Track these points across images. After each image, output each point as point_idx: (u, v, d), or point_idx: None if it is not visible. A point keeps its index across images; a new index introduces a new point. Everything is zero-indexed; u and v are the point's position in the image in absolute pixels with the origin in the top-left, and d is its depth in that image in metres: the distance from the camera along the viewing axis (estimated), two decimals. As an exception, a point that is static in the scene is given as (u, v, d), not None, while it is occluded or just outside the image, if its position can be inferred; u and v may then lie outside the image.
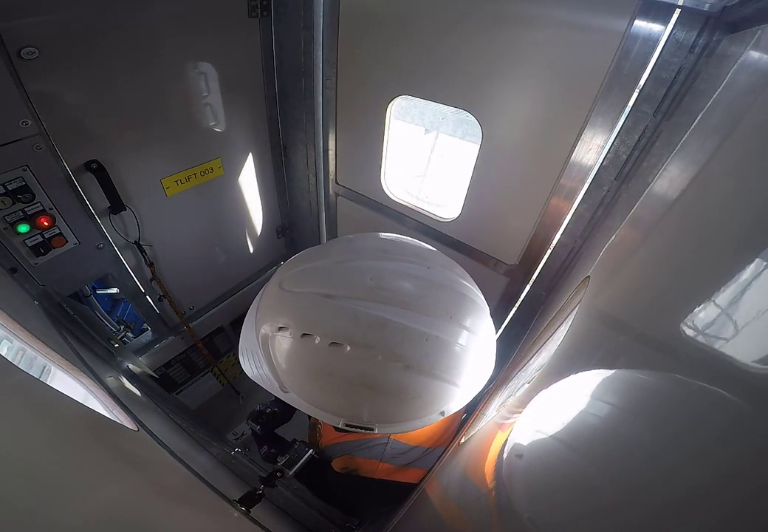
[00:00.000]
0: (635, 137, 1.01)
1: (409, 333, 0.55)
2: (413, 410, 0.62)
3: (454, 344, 0.59)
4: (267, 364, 0.64)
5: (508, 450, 0.47)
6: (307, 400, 0.63)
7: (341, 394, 0.59)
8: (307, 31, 1.40)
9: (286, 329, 0.57)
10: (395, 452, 0.91)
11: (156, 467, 0.93)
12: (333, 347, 0.53)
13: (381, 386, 0.56)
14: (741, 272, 0.34)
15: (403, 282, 0.58)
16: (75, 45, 1.02)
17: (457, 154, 6.41)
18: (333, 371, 0.56)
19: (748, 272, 0.33)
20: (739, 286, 0.33)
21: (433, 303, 0.59)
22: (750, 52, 0.61)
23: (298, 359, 0.58)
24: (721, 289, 0.35)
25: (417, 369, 0.56)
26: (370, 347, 0.53)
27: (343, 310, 0.54)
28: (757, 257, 0.33)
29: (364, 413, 0.62)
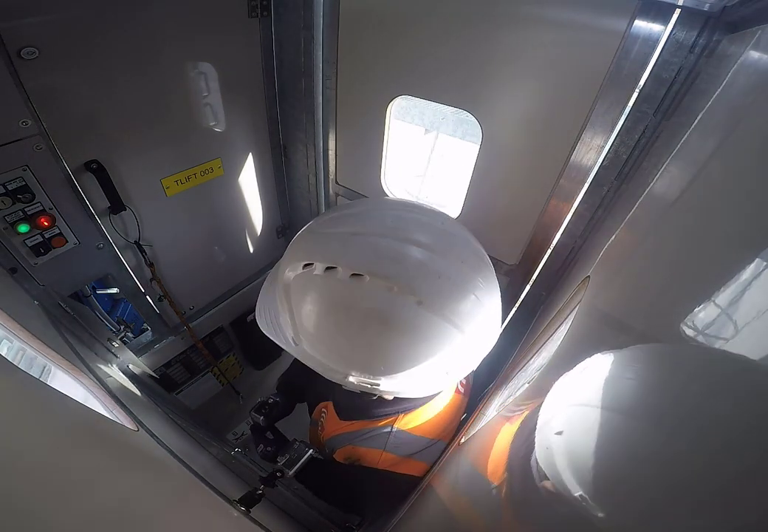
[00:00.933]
0: (635, 137, 1.01)
1: (424, 269, 0.58)
2: (421, 356, 0.62)
3: (464, 287, 0.62)
4: (286, 312, 0.66)
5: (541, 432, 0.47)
6: (318, 351, 0.65)
7: (355, 331, 0.60)
8: (307, 31, 1.40)
9: (311, 265, 0.60)
10: (398, 442, 0.89)
11: (156, 467, 0.93)
12: (354, 278, 0.57)
13: (394, 320, 0.57)
14: (741, 271, 0.34)
15: (420, 227, 0.64)
16: (75, 45, 1.02)
17: (457, 154, 6.41)
18: (351, 304, 0.58)
19: (748, 272, 0.33)
20: (739, 286, 0.33)
21: (447, 247, 0.63)
22: (750, 52, 0.61)
23: (318, 295, 0.60)
24: (721, 289, 0.35)
25: (428, 306, 0.58)
26: (388, 278, 0.56)
27: (366, 244, 0.59)
28: (757, 257, 0.33)
29: (373, 358, 0.62)
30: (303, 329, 0.65)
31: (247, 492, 1.02)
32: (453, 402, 0.99)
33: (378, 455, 0.89)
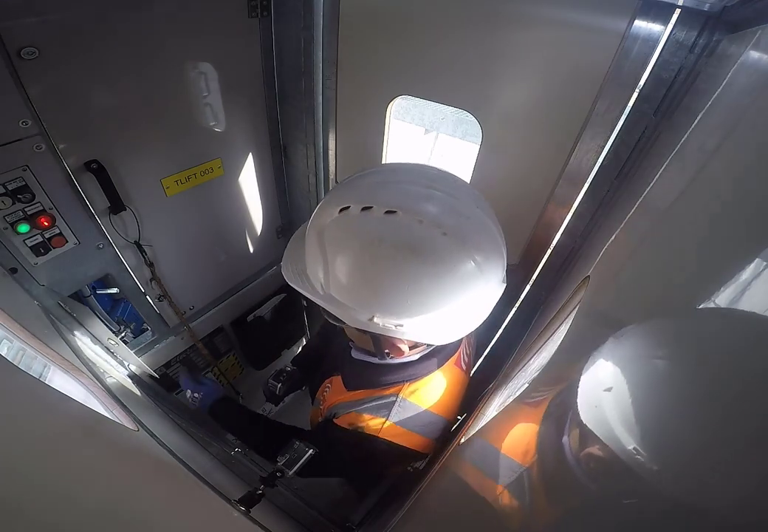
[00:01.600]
0: (635, 137, 1.01)
1: (448, 207, 0.68)
2: (444, 290, 0.68)
3: (482, 228, 0.71)
4: (318, 258, 0.71)
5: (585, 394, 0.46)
6: (348, 293, 0.70)
7: (388, 261, 0.65)
8: (307, 31, 1.40)
9: (347, 208, 0.67)
10: (403, 412, 0.90)
11: (156, 467, 0.93)
12: (387, 214, 0.65)
13: (421, 248, 0.64)
14: (741, 272, 0.34)
15: (440, 179, 0.74)
16: (75, 45, 1.02)
17: (457, 154, 6.41)
18: (385, 236, 0.65)
19: (748, 272, 0.33)
20: (739, 286, 0.33)
21: (465, 196, 0.72)
22: (750, 52, 0.61)
23: (355, 232, 0.67)
24: (721, 289, 0.35)
25: (452, 237, 0.65)
26: (418, 213, 0.64)
27: (397, 188, 0.69)
28: (757, 257, 0.33)
29: (401, 291, 0.67)
30: (335, 272, 0.70)
31: (247, 492, 1.01)
32: (456, 377, 0.99)
33: (381, 423, 0.89)
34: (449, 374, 0.97)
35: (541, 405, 0.61)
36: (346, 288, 0.70)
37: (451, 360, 0.98)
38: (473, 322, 0.80)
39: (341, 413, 0.99)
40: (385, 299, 0.69)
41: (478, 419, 1.03)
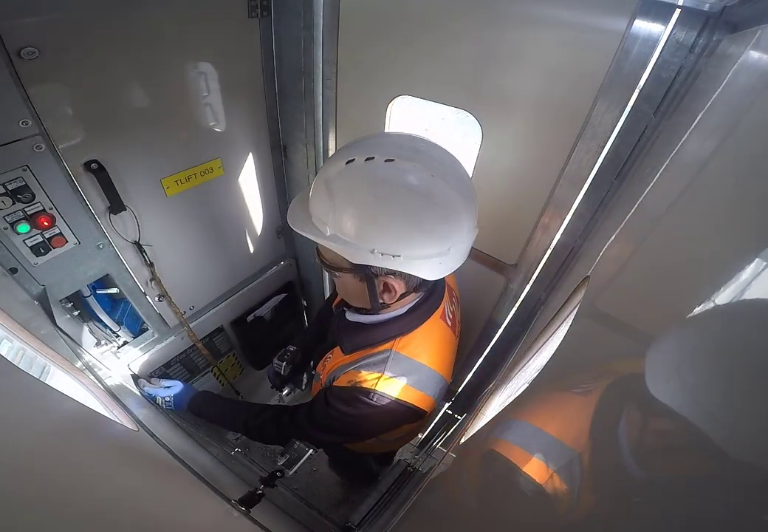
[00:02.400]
0: (635, 137, 1.01)
1: (435, 158, 0.81)
2: (436, 220, 0.80)
3: (462, 174, 0.85)
4: (325, 203, 0.81)
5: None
6: (352, 231, 0.80)
7: (389, 199, 0.77)
8: (307, 31, 1.40)
9: (353, 160, 0.78)
10: (397, 364, 0.95)
11: (156, 467, 0.93)
12: (387, 162, 0.77)
13: (416, 186, 0.77)
14: (741, 271, 0.34)
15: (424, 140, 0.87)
16: (75, 45, 1.02)
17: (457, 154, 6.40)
18: (386, 178, 0.77)
19: (748, 272, 0.33)
20: (739, 286, 0.33)
21: (441, 151, 0.86)
22: (750, 52, 0.61)
23: (361, 177, 0.78)
24: (721, 289, 0.35)
25: (439, 178, 0.78)
26: (412, 160, 0.77)
27: (392, 143, 0.83)
28: (757, 257, 0.33)
29: (399, 223, 0.78)
30: (341, 213, 0.80)
31: (247, 492, 1.02)
32: (442, 331, 1.06)
33: (377, 377, 0.94)
34: (436, 327, 1.04)
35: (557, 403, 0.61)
36: (351, 226, 0.80)
37: (436, 314, 1.04)
38: (454, 260, 0.89)
39: (340, 375, 1.02)
40: (385, 231, 0.80)
41: (478, 419, 1.03)
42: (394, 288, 0.90)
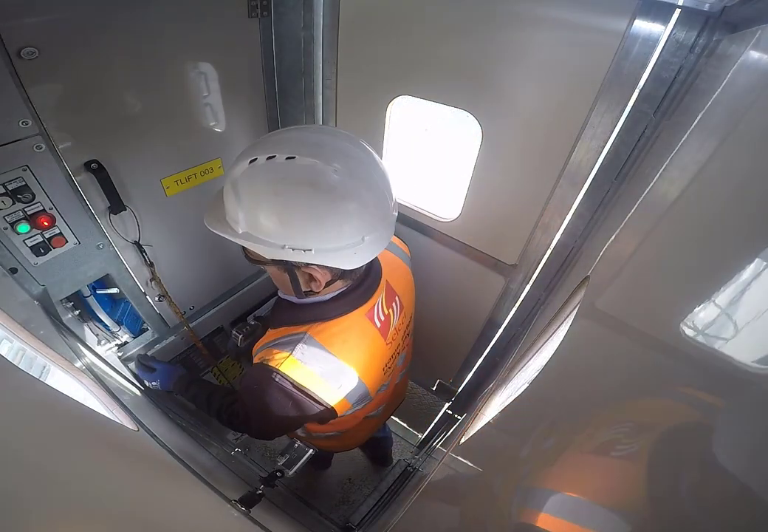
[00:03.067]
0: (635, 137, 1.01)
1: (340, 152, 0.81)
2: (344, 214, 0.81)
3: (366, 164, 0.84)
4: (234, 203, 0.83)
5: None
6: (261, 229, 0.83)
7: (291, 196, 0.78)
8: (307, 31, 1.40)
9: (256, 159, 0.79)
10: (307, 349, 0.95)
11: (156, 467, 0.93)
12: (288, 160, 0.77)
13: (318, 182, 0.78)
14: (741, 272, 0.34)
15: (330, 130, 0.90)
16: (75, 45, 1.02)
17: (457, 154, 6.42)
18: (287, 176, 0.78)
19: (748, 272, 0.33)
20: (739, 286, 0.33)
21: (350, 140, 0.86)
22: (750, 52, 0.61)
23: (263, 176, 0.79)
24: (721, 289, 0.35)
25: (342, 173, 0.79)
26: (313, 156, 0.77)
27: (294, 139, 0.82)
28: (757, 257, 0.33)
29: (305, 219, 0.80)
30: (249, 212, 0.82)
31: (247, 492, 1.02)
32: (365, 328, 1.04)
33: (284, 357, 0.94)
34: (358, 323, 1.03)
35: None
36: (259, 223, 0.82)
37: (362, 309, 1.03)
38: (371, 248, 0.89)
39: (259, 352, 1.03)
40: (290, 228, 0.81)
41: (478, 419, 1.03)
42: (318, 278, 0.91)
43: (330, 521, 1.26)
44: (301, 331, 0.98)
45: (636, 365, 0.48)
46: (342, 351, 0.99)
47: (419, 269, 1.81)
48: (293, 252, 0.82)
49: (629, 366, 0.49)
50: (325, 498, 2.32)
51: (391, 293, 1.13)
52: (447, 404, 2.24)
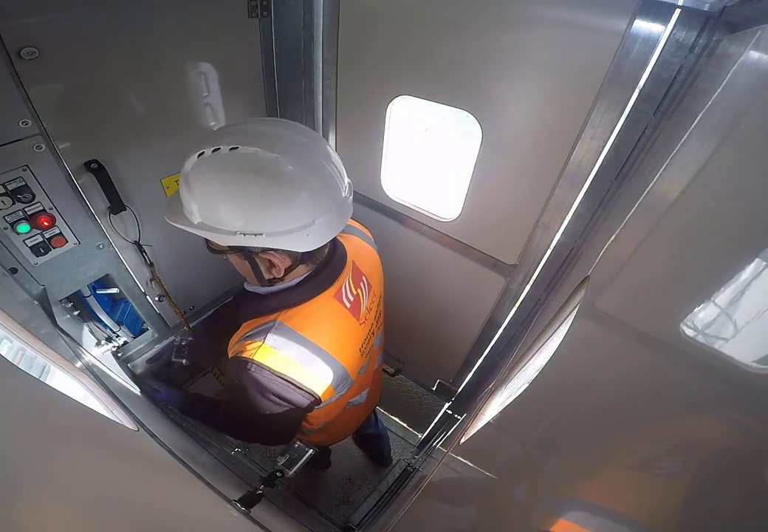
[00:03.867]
0: (635, 137, 1.01)
1: (283, 139, 0.84)
2: (290, 198, 0.83)
3: (310, 150, 0.87)
4: (187, 194, 0.86)
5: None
6: (212, 217, 0.85)
7: (236, 183, 0.82)
8: (307, 31, 1.40)
9: (203, 152, 0.82)
10: (279, 336, 0.97)
11: (156, 467, 0.93)
12: (232, 150, 0.81)
13: (262, 169, 0.81)
14: (741, 272, 0.34)
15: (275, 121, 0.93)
16: (75, 45, 1.02)
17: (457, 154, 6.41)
18: (232, 165, 0.81)
19: (748, 272, 0.33)
20: (739, 286, 0.33)
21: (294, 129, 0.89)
22: (750, 52, 0.61)
23: (210, 167, 0.82)
24: (721, 289, 0.35)
25: (284, 158, 0.82)
26: (255, 145, 0.81)
27: (239, 130, 0.86)
28: (756, 257, 0.33)
29: (251, 205, 0.83)
30: (200, 202, 0.85)
31: (247, 492, 1.02)
32: (334, 310, 1.05)
33: (257, 347, 0.95)
34: (327, 305, 1.04)
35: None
36: (211, 212, 0.86)
37: (329, 291, 1.04)
38: (324, 231, 0.91)
39: (234, 347, 1.04)
40: (239, 214, 0.84)
41: (478, 419, 1.03)
42: (278, 263, 0.93)
43: (330, 521, 1.26)
44: (271, 319, 1.00)
45: (636, 365, 0.48)
46: (314, 334, 1.00)
47: (419, 269, 1.81)
48: (245, 237, 0.85)
49: (629, 366, 0.50)
50: (325, 498, 2.32)
51: (358, 273, 1.15)
52: (447, 404, 2.24)
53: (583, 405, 0.56)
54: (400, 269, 1.86)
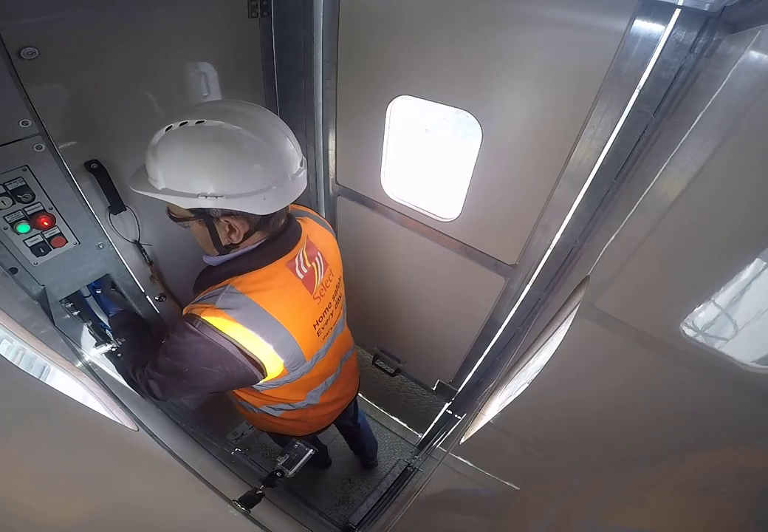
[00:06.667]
0: (635, 137, 1.01)
1: (244, 115, 0.93)
2: (249, 164, 0.91)
3: (267, 123, 0.96)
4: (155, 163, 0.93)
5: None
6: (179, 182, 0.92)
7: (202, 152, 0.89)
8: (307, 31, 1.40)
9: (171, 126, 0.91)
10: (228, 299, 1.00)
11: (156, 467, 0.93)
12: (198, 124, 0.90)
13: (224, 139, 0.89)
14: (741, 271, 0.34)
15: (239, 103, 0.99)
16: (75, 45, 1.02)
17: (457, 154, 6.41)
18: (198, 136, 0.90)
19: (748, 272, 0.33)
20: (738, 286, 0.33)
21: (253, 108, 0.98)
22: (750, 52, 0.61)
23: (178, 138, 0.91)
24: (721, 289, 0.35)
25: (248, 130, 0.91)
26: (219, 119, 0.90)
27: (204, 108, 0.96)
28: (756, 257, 0.33)
29: (216, 170, 0.90)
30: (166, 168, 0.92)
31: (247, 492, 1.02)
32: (286, 278, 1.09)
33: (206, 307, 1.00)
34: (279, 272, 1.08)
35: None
36: (175, 177, 0.93)
37: (282, 260, 1.08)
38: (280, 196, 0.98)
39: (185, 311, 1.06)
40: (202, 176, 0.91)
41: (479, 419, 1.03)
42: (237, 227, 0.99)
43: (330, 521, 1.26)
44: (223, 284, 1.04)
45: (636, 365, 0.48)
46: (264, 298, 1.03)
47: (419, 269, 1.81)
48: (206, 199, 0.92)
49: (629, 366, 0.50)
50: (325, 498, 2.33)
51: (313, 248, 1.19)
52: (447, 404, 2.24)
53: (583, 405, 0.56)
54: (399, 269, 1.86)
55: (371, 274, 1.98)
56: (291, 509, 1.31)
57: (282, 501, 1.30)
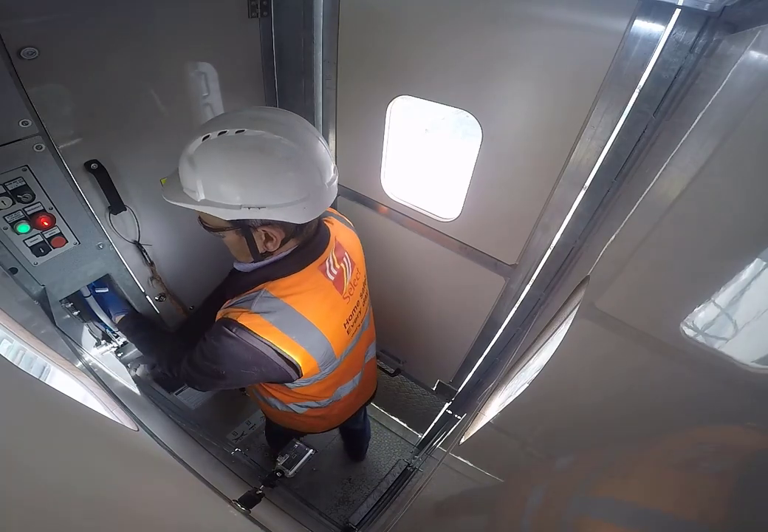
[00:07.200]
0: (635, 137, 1.01)
1: (281, 123, 0.92)
2: (287, 173, 0.91)
3: (305, 131, 0.96)
4: (191, 174, 0.91)
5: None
6: (219, 194, 0.91)
7: (243, 160, 0.89)
8: (307, 31, 1.40)
9: (208, 135, 0.89)
10: (264, 303, 1.01)
11: (156, 467, 0.93)
12: (238, 133, 0.88)
13: (265, 148, 0.88)
14: (741, 271, 0.34)
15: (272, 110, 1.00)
16: (75, 45, 1.02)
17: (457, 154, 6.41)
18: (239, 145, 0.88)
19: (748, 272, 0.33)
20: (738, 286, 0.33)
21: (288, 116, 0.98)
22: (750, 52, 0.61)
23: (217, 147, 0.89)
24: (721, 289, 0.35)
25: (287, 138, 0.90)
26: (258, 128, 0.89)
27: (242, 116, 0.93)
28: (757, 257, 0.33)
29: (257, 179, 0.89)
30: (206, 180, 0.91)
31: (247, 492, 1.02)
32: (318, 280, 1.10)
33: (242, 310, 1.00)
34: (311, 276, 1.09)
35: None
36: (217, 188, 0.91)
37: (314, 264, 1.09)
38: (318, 203, 0.99)
39: (219, 315, 1.07)
40: (245, 187, 0.90)
41: (479, 419, 1.03)
42: (274, 235, 0.99)
43: (330, 521, 1.26)
44: (257, 289, 1.05)
45: (636, 365, 0.48)
46: (298, 302, 1.04)
47: (419, 269, 1.81)
48: (249, 210, 0.91)
49: (629, 366, 0.50)
50: (325, 498, 2.33)
51: (341, 249, 1.20)
52: (447, 404, 2.24)
53: (583, 405, 0.56)
54: (399, 269, 1.86)
55: (371, 274, 1.98)
56: (291, 509, 1.31)
57: (282, 501, 1.30)
